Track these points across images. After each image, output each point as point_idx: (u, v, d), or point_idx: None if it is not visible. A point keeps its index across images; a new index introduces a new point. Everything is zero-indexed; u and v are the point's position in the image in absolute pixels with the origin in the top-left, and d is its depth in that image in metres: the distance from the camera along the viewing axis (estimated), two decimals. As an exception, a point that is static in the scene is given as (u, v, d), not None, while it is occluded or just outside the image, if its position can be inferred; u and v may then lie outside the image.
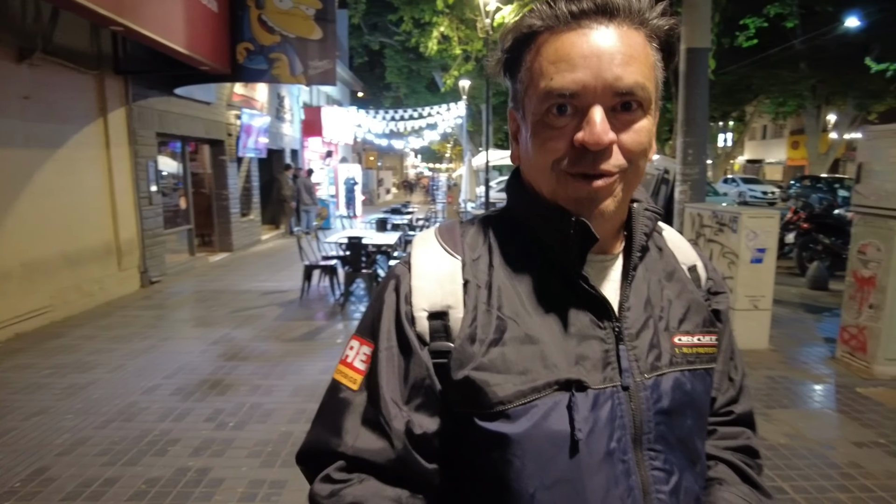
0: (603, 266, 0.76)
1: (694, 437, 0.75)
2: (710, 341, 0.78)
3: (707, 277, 0.87)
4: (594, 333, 0.71)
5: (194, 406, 3.94)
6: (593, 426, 0.67)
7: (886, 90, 18.39)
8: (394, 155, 43.13)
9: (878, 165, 4.33)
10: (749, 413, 0.89)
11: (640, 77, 0.65)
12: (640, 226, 0.76)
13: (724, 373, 0.87)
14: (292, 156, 14.64)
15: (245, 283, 8.13)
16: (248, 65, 7.27)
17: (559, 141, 0.67)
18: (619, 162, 0.67)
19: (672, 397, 0.72)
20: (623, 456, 0.69)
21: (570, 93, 0.65)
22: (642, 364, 0.72)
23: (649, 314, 0.75)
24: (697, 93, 7.26)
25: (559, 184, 0.69)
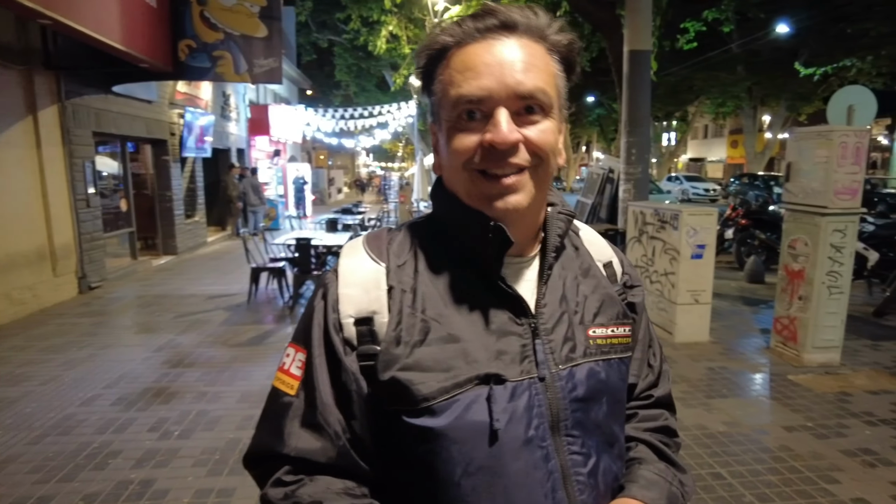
0: (520, 267, 0.82)
1: (610, 422, 0.81)
2: (624, 332, 0.85)
3: (623, 272, 0.94)
4: (512, 330, 0.77)
5: (137, 416, 3.80)
6: (511, 415, 0.73)
7: (814, 93, 19.45)
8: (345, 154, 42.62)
9: (804, 165, 4.58)
10: (667, 396, 0.96)
11: (540, 82, 0.72)
12: (555, 228, 0.82)
13: (642, 360, 0.94)
14: (238, 155, 14.27)
15: (190, 287, 7.88)
16: (191, 62, 7.05)
17: (469, 142, 0.72)
18: (526, 157, 0.73)
19: (587, 385, 0.78)
20: (542, 442, 0.74)
21: (477, 98, 0.71)
22: (557, 356, 0.78)
23: (564, 309, 0.81)
24: (640, 93, 7.48)
25: (472, 183, 0.74)
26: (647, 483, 0.83)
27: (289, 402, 0.77)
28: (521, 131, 0.72)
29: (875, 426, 3.63)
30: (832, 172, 4.33)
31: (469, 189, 0.75)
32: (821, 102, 20.47)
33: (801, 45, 17.80)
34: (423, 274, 0.79)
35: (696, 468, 3.11)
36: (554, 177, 0.82)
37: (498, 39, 0.72)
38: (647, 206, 6.01)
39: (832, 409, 3.86)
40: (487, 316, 0.76)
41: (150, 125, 9.27)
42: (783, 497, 2.86)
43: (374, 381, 0.74)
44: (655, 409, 0.95)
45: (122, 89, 8.05)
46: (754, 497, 2.85)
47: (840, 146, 4.30)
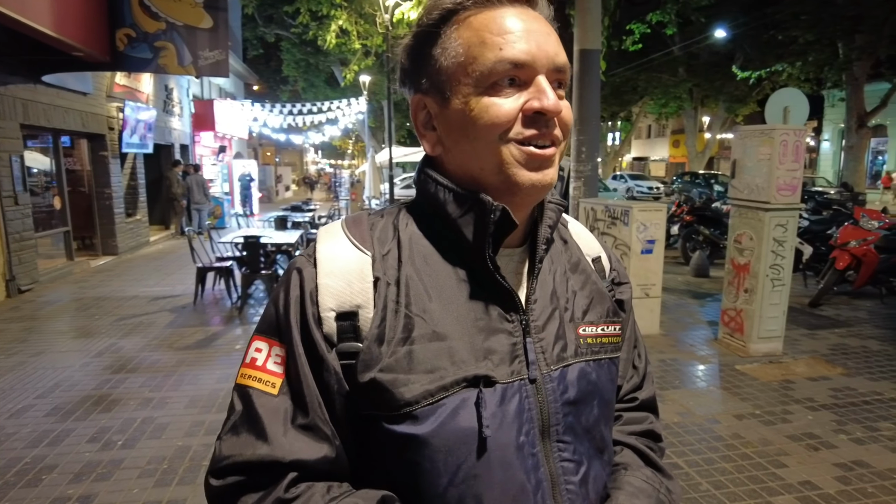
0: (509, 259, 0.76)
1: (601, 426, 0.77)
2: (614, 331, 0.81)
3: (611, 268, 0.90)
4: (502, 327, 0.71)
5: (74, 426, 3.57)
6: (501, 421, 0.67)
7: (749, 95, 20.39)
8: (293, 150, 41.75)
9: (748, 162, 4.75)
10: (652, 398, 0.92)
11: (565, 57, 0.70)
12: (546, 218, 0.76)
13: (628, 361, 0.90)
14: (182, 151, 13.72)
15: (132, 289, 7.51)
16: (131, 53, 6.69)
17: (510, 108, 0.67)
18: (559, 131, 0.70)
19: (578, 388, 0.73)
20: (532, 449, 0.69)
21: (522, 62, 0.66)
22: (549, 356, 0.73)
23: (555, 306, 0.76)
24: (590, 93, 7.61)
25: (509, 154, 0.68)
26: (636, 490, 0.78)
27: (272, 403, 0.68)
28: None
29: (816, 411, 3.80)
30: (774, 169, 4.51)
31: (498, 163, 0.68)
32: (755, 104, 21.53)
33: (737, 49, 18.63)
34: (407, 265, 0.71)
35: (653, 458, 3.17)
36: None
37: (523, 8, 0.69)
38: (598, 202, 6.12)
39: (777, 397, 4.02)
40: (475, 312, 0.70)
41: (85, 119, 8.77)
42: (737, 483, 2.94)
43: (353, 383, 0.67)
44: (640, 411, 0.91)
45: (54, 79, 7.57)
46: (710, 485, 2.93)
47: (781, 144, 4.48)
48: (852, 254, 6.14)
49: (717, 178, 21.31)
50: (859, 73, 14.62)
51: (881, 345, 5.14)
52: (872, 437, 3.45)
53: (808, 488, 2.90)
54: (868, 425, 3.60)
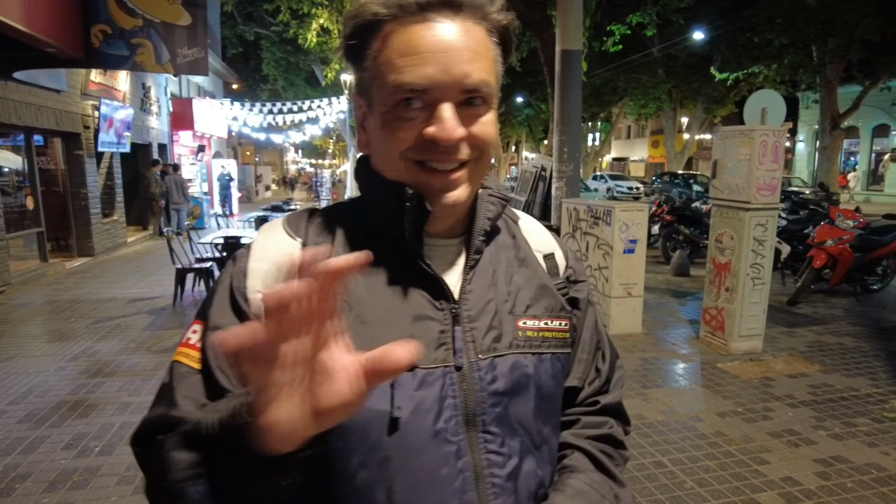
0: (447, 250, 0.78)
1: (538, 422, 0.76)
2: (560, 326, 0.80)
3: (566, 266, 0.89)
4: (430, 315, 0.72)
5: (49, 433, 3.47)
6: (418, 405, 0.68)
7: (727, 96, 20.71)
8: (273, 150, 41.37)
9: (729, 162, 4.81)
10: (616, 404, 0.89)
11: (485, 74, 0.68)
12: (484, 210, 0.78)
13: (588, 362, 0.88)
14: (160, 151, 13.49)
15: (109, 291, 7.35)
16: (107, 50, 6.54)
17: (408, 132, 0.68)
18: (468, 152, 0.70)
19: (509, 378, 0.73)
20: (453, 437, 0.69)
21: (420, 88, 0.66)
22: (479, 345, 0.73)
23: (492, 297, 0.77)
24: (571, 93, 7.64)
25: (409, 172, 0.70)
26: (575, 493, 0.76)
27: (189, 375, 0.69)
28: (465, 126, 0.68)
29: (796, 408, 3.85)
30: (754, 170, 4.57)
31: (410, 178, 0.70)
32: (733, 105, 21.88)
33: (714, 51, 18.91)
34: (340, 252, 0.73)
35: (638, 457, 3.19)
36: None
37: (441, 21, 0.66)
38: (581, 202, 6.15)
39: (758, 394, 4.07)
40: (404, 299, 0.72)
41: (59, 117, 8.57)
42: (720, 481, 2.97)
43: None
44: (600, 416, 0.88)
45: (26, 76, 7.38)
46: (694, 483, 2.95)
47: (760, 145, 4.54)
48: (829, 253, 6.26)
49: (695, 178, 21.60)
50: (832, 75, 14.94)
51: (856, 342, 5.24)
52: (850, 432, 3.51)
53: (790, 484, 2.94)
54: (846, 421, 3.66)
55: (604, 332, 0.92)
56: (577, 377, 0.86)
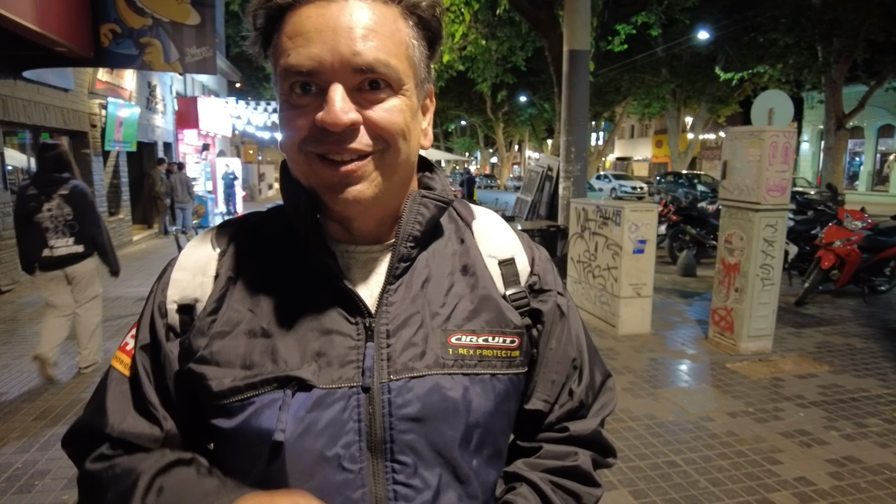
0: (370, 257, 0.71)
1: (463, 451, 0.68)
2: (505, 343, 0.71)
3: (531, 273, 0.79)
4: (340, 329, 0.67)
5: (64, 431, 3.48)
6: (308, 427, 0.63)
7: (731, 96, 20.70)
8: (275, 149, 41.36)
9: (738, 163, 4.82)
10: (591, 433, 0.79)
11: (382, 53, 0.61)
12: (413, 214, 0.70)
13: (557, 383, 0.78)
14: (165, 149, 13.52)
15: (116, 289, 7.36)
16: (115, 49, 6.56)
17: (302, 120, 0.62)
18: (368, 142, 0.63)
19: (424, 403, 0.65)
20: (350, 464, 0.64)
21: (307, 70, 0.60)
22: (394, 364, 0.66)
23: (418, 310, 0.69)
24: (578, 93, 7.66)
25: (309, 166, 0.64)
26: None
27: (119, 381, 0.71)
28: (362, 111, 0.62)
29: (807, 408, 3.86)
30: (764, 170, 4.57)
31: (307, 174, 0.65)
32: (737, 105, 21.87)
33: (718, 51, 18.91)
34: (252, 260, 0.71)
35: (651, 457, 3.20)
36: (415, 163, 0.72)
37: (338, 2, 0.60)
38: (589, 202, 6.16)
39: (768, 394, 4.08)
40: (312, 312, 0.67)
41: (67, 115, 8.60)
42: (734, 480, 2.98)
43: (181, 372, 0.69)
44: (566, 445, 0.77)
45: (34, 75, 7.40)
46: (708, 482, 2.96)
47: (770, 145, 4.55)
48: (836, 253, 6.26)
49: (699, 177, 21.59)
50: (837, 75, 14.92)
51: (864, 342, 5.25)
52: (862, 433, 3.52)
53: (804, 484, 2.95)
54: (857, 421, 3.67)
55: (586, 348, 0.82)
56: (540, 399, 0.77)
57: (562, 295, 0.80)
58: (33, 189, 3.95)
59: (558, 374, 0.78)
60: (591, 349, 0.83)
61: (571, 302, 0.83)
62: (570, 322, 0.80)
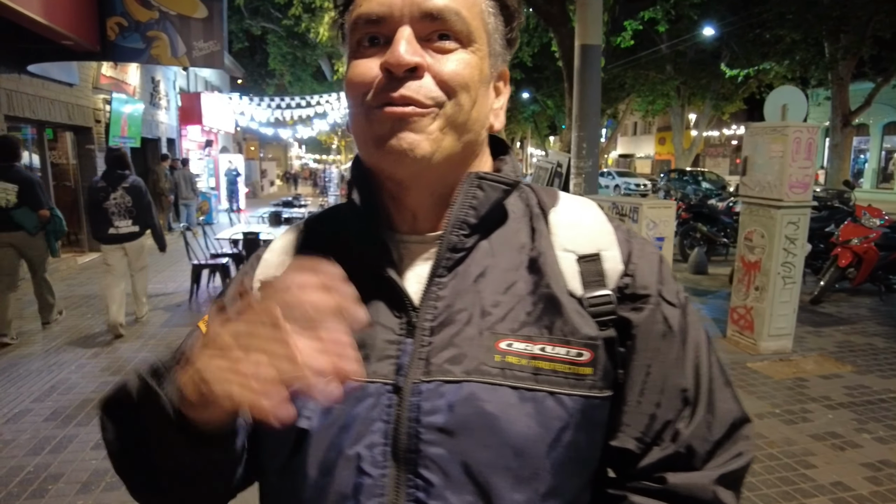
0: (424, 248, 0.65)
1: (501, 480, 0.57)
2: (569, 356, 0.59)
3: (623, 273, 0.65)
4: (383, 321, 0.62)
5: (77, 432, 3.41)
6: (334, 420, 0.58)
7: (735, 93, 20.59)
8: (277, 145, 41.25)
9: (759, 159, 4.73)
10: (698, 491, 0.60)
11: (453, 3, 0.58)
12: (466, 197, 0.63)
13: (657, 418, 0.62)
14: (169, 145, 13.43)
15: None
16: (122, 43, 6.46)
17: (367, 72, 0.59)
18: (432, 92, 0.58)
19: (454, 413, 0.57)
20: (372, 468, 0.57)
21: (377, 16, 0.58)
22: (430, 365, 0.59)
23: (466, 307, 0.61)
24: (590, 88, 7.56)
25: (367, 122, 0.60)
26: None
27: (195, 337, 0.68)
28: (427, 58, 0.58)
29: (835, 409, 3.78)
30: (786, 167, 4.48)
31: (364, 134, 0.60)
32: (741, 102, 21.76)
33: (723, 47, 18.80)
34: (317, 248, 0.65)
35: (681, 460, 3.12)
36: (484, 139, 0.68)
37: None
38: (605, 199, 6.07)
39: (793, 395, 4.00)
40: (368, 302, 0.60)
41: (71, 111, 8.50)
42: (768, 485, 2.90)
43: None
44: (661, 502, 0.60)
45: (39, 70, 7.30)
46: (743, 487, 2.87)
47: (794, 142, 4.46)
48: (853, 251, 6.17)
49: (703, 174, 21.50)
50: (844, 72, 14.84)
51: (886, 342, 5.16)
52: (894, 436, 3.44)
53: (841, 489, 2.87)
54: (888, 423, 3.59)
55: (707, 378, 0.64)
56: (630, 436, 0.62)
57: (671, 304, 0.65)
58: (102, 182, 5.18)
59: (658, 406, 0.62)
60: (715, 381, 0.65)
61: (692, 316, 0.66)
62: (683, 341, 0.64)
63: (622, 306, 0.64)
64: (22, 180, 4.86)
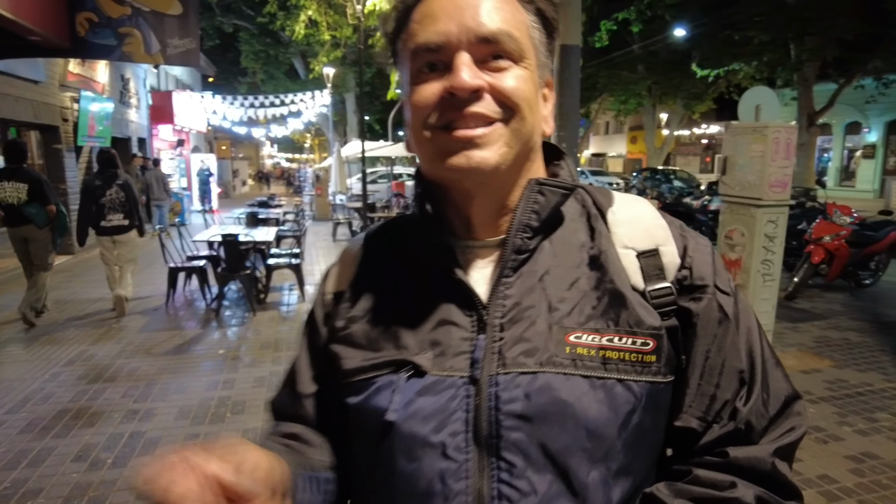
0: (487, 251, 0.71)
1: (578, 460, 0.61)
2: (635, 345, 0.64)
3: (681, 266, 0.69)
4: (456, 320, 0.67)
5: (55, 444, 3.28)
6: (417, 411, 0.64)
7: (706, 93, 20.99)
8: (249, 144, 40.64)
9: (740, 159, 4.81)
10: (758, 463, 0.64)
11: (505, 25, 0.64)
12: (528, 203, 0.68)
13: (717, 399, 0.67)
14: (140, 145, 13.09)
15: (94, 291, 7.08)
16: (93, 39, 6.23)
17: (428, 93, 0.64)
18: (493, 108, 0.63)
19: (532, 402, 0.62)
20: (455, 454, 0.63)
21: (435, 45, 0.63)
22: (504, 358, 0.64)
23: (534, 304, 0.66)
24: (570, 88, 7.56)
25: (433, 142, 0.65)
26: None
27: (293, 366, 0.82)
28: (486, 78, 0.63)
29: (816, 404, 3.87)
30: (767, 166, 4.57)
31: (431, 152, 0.66)
32: (711, 102, 22.20)
33: (694, 48, 19.13)
34: (386, 255, 0.77)
35: (673, 458, 3.15)
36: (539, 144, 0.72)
37: None
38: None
39: (776, 391, 4.07)
40: (432, 303, 0.69)
41: (37, 109, 8.21)
42: (759, 481, 2.94)
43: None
44: (724, 473, 0.64)
45: (3, 66, 7.04)
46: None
47: (773, 141, 4.55)
48: (826, 248, 6.34)
49: (675, 173, 21.86)
50: (809, 73, 15.26)
51: (860, 336, 5.32)
52: (874, 427, 3.54)
53: (827, 482, 2.93)
54: (867, 416, 3.68)
55: (761, 360, 0.68)
56: (693, 416, 0.67)
57: (725, 293, 0.69)
58: (98, 181, 5.85)
59: (718, 388, 0.67)
60: (768, 362, 0.69)
61: (743, 303, 0.70)
62: (737, 326, 0.68)
63: (682, 297, 0.68)
64: (31, 180, 5.39)
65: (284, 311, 6.27)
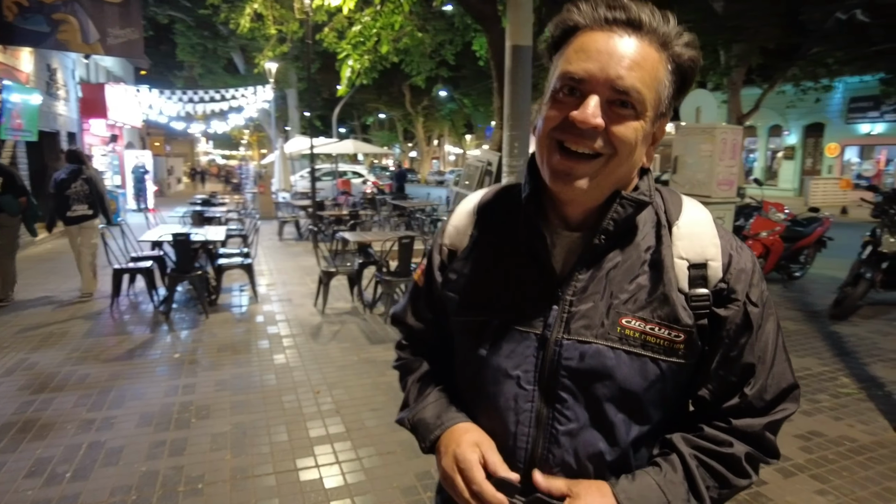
0: (572, 242, 0.88)
1: (610, 405, 0.83)
2: (670, 336, 0.82)
3: (721, 280, 0.84)
4: (539, 291, 0.87)
5: (3, 459, 3.06)
6: (499, 351, 0.88)
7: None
8: (183, 140, 39.01)
9: (690, 158, 5.06)
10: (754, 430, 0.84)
11: (638, 83, 0.77)
12: (613, 212, 0.84)
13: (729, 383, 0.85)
14: (70, 140, 12.31)
15: (28, 294, 6.63)
16: (22, 24, 5.84)
17: (559, 112, 0.79)
18: (601, 145, 0.78)
19: (584, 362, 0.82)
20: (526, 384, 0.86)
21: (579, 77, 0.77)
22: (569, 327, 0.83)
23: (599, 290, 0.84)
24: (521, 88, 7.73)
25: (549, 151, 0.81)
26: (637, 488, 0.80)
27: (415, 289, 1.08)
28: (606, 120, 0.77)
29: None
30: (715, 165, 4.83)
31: (546, 158, 0.81)
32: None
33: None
34: (492, 226, 0.96)
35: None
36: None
37: (619, 34, 0.77)
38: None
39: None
40: (522, 273, 0.89)
41: (-44, 100, 7.58)
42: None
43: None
44: (726, 434, 0.84)
45: (-83, 53, 6.47)
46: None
47: (721, 142, 4.81)
48: (763, 243, 6.75)
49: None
50: (737, 78, 16.16)
51: (796, 325, 5.69)
52: (816, 408, 3.81)
53: (781, 460, 3.14)
54: (810, 398, 3.96)
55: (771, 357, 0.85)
56: (707, 390, 0.86)
57: (754, 305, 0.84)
58: (64, 175, 6.29)
59: (731, 375, 0.85)
60: (778, 357, 0.86)
61: (769, 310, 0.87)
62: (759, 333, 0.85)
63: (716, 304, 0.84)
64: (4, 173, 5.93)
65: (238, 313, 6.08)
